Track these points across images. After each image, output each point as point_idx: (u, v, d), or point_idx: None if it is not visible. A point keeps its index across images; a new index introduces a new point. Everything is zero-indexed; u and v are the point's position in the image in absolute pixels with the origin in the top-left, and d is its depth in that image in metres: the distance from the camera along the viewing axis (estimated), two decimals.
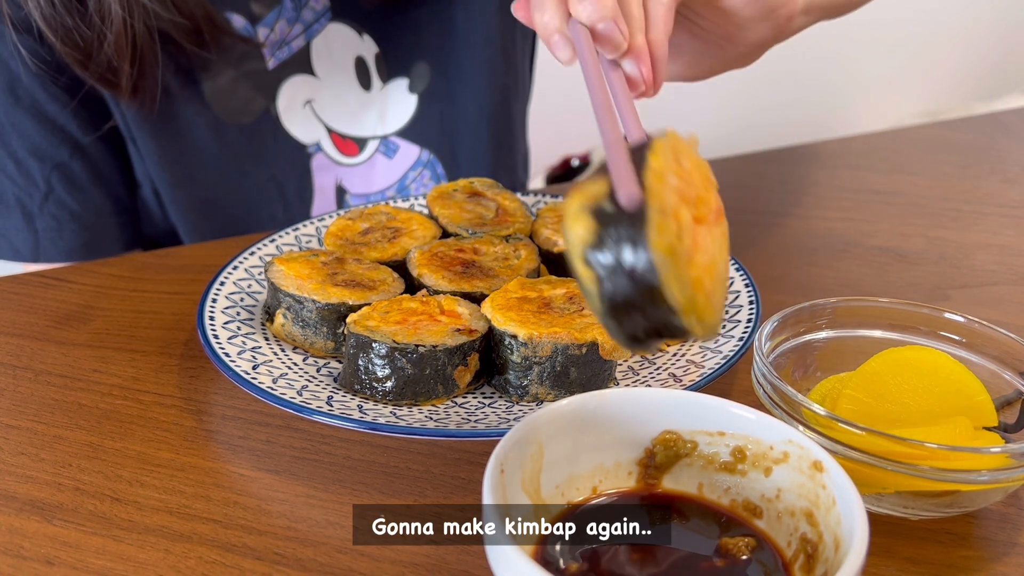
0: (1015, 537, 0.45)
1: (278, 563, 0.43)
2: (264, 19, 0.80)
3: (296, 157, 0.85)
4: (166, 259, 0.75)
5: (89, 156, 0.80)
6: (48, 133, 0.78)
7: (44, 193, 0.79)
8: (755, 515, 0.40)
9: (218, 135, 0.82)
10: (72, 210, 0.80)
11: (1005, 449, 0.41)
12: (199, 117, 0.81)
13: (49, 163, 0.78)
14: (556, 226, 0.66)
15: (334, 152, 0.86)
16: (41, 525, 0.45)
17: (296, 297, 0.56)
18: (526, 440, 0.38)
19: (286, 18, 0.81)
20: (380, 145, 0.88)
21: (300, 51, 0.83)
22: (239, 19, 0.79)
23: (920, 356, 0.49)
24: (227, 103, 0.81)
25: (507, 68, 0.89)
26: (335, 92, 0.85)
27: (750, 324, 0.56)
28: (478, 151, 0.91)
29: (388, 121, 0.88)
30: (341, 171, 0.88)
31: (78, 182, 0.80)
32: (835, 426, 0.42)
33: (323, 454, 0.50)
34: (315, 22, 0.82)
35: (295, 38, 0.82)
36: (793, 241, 0.79)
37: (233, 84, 0.81)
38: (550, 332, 0.51)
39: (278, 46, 0.81)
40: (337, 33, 0.84)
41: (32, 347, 0.61)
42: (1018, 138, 1.07)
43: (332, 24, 0.83)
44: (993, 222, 0.82)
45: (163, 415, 0.54)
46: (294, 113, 0.84)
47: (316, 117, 0.85)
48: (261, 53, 0.81)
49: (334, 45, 0.84)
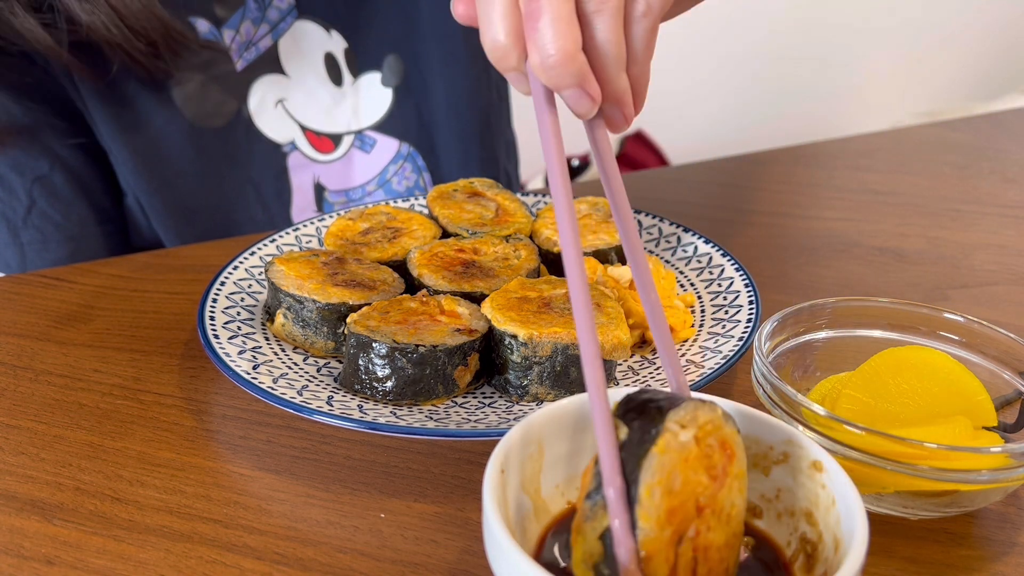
0: (1015, 537, 0.45)
1: (278, 563, 0.43)
2: (228, 21, 0.80)
3: (272, 157, 0.85)
4: (166, 259, 0.75)
5: (70, 168, 0.80)
6: (27, 146, 0.78)
7: (27, 206, 0.79)
8: (755, 515, 0.40)
9: (192, 140, 0.82)
10: (56, 222, 0.80)
11: (1005, 449, 0.41)
12: (171, 124, 0.81)
13: (30, 176, 0.78)
14: (556, 226, 0.66)
15: (309, 150, 0.86)
16: (41, 525, 0.45)
17: (296, 297, 0.56)
18: (526, 440, 0.38)
19: (251, 19, 0.81)
20: (355, 140, 0.88)
21: (268, 51, 0.83)
22: (204, 23, 0.79)
23: (920, 356, 0.49)
24: (198, 108, 0.81)
25: (477, 57, 0.89)
26: (306, 90, 0.85)
27: (750, 324, 0.56)
28: (458, 142, 0.91)
29: (362, 116, 0.88)
30: (318, 168, 0.88)
31: (60, 194, 0.80)
32: (835, 426, 0.42)
33: (323, 454, 0.51)
34: (281, 21, 0.82)
35: (262, 38, 0.82)
36: (793, 241, 0.79)
37: (202, 88, 0.81)
38: (550, 332, 0.51)
39: (245, 47, 0.81)
40: (304, 30, 0.84)
41: (32, 347, 0.61)
42: (1018, 138, 1.07)
43: (298, 22, 0.83)
44: (992, 222, 0.82)
45: (163, 415, 0.54)
46: (266, 113, 0.84)
47: (289, 116, 0.85)
48: (229, 56, 0.81)
49: (302, 43, 0.84)
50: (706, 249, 0.67)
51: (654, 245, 0.70)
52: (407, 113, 0.88)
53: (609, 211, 0.67)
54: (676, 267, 0.67)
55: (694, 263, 0.66)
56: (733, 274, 0.63)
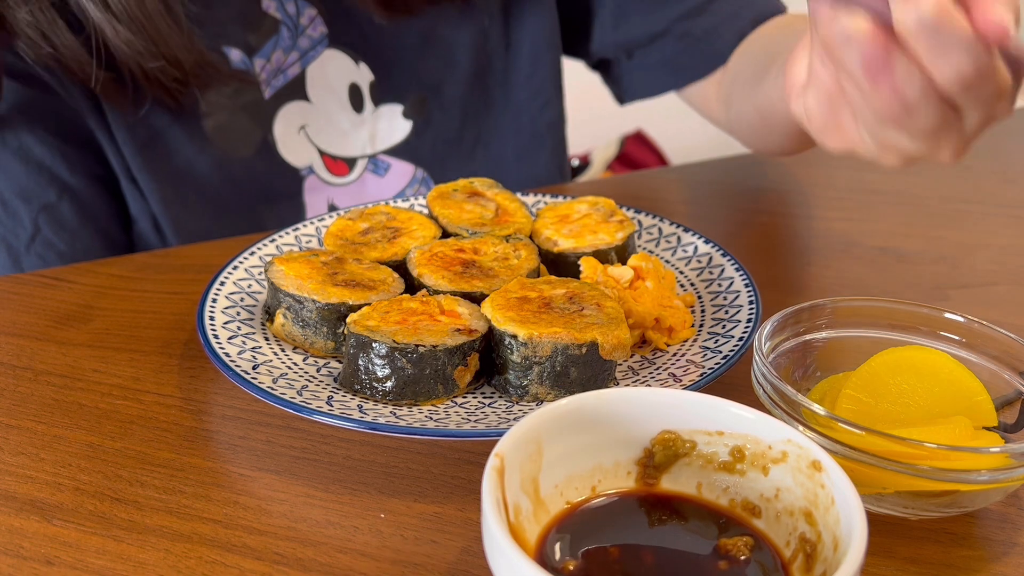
0: (1015, 537, 0.45)
1: (278, 563, 0.43)
2: (261, 50, 0.80)
3: (289, 181, 0.85)
4: (166, 259, 0.75)
5: (78, 197, 0.79)
6: (36, 175, 0.77)
7: (31, 234, 0.78)
8: (754, 515, 0.40)
9: (219, 169, 0.82)
10: (59, 250, 0.79)
11: (1005, 449, 0.41)
12: (200, 155, 0.80)
13: (36, 204, 0.78)
14: (556, 226, 0.66)
15: (325, 173, 0.86)
16: (41, 525, 0.45)
17: (296, 297, 0.56)
18: (525, 440, 0.38)
19: (282, 47, 0.81)
20: (369, 164, 0.87)
21: (296, 78, 0.82)
22: (236, 53, 0.79)
23: (920, 356, 0.49)
24: (227, 138, 0.81)
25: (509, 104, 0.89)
26: (327, 115, 0.85)
27: (750, 324, 0.56)
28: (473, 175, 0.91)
29: (378, 141, 0.87)
30: (332, 191, 0.87)
31: (66, 223, 0.79)
32: (835, 426, 0.42)
33: (323, 454, 0.51)
34: (311, 49, 0.82)
35: (291, 65, 0.82)
36: (793, 241, 0.79)
37: (231, 118, 0.80)
38: (550, 332, 0.51)
39: (274, 75, 0.81)
40: (333, 59, 0.83)
41: (32, 347, 0.61)
42: (1018, 138, 1.07)
43: (328, 50, 0.83)
44: (993, 222, 0.82)
45: (163, 415, 0.54)
46: (289, 139, 0.84)
47: (309, 141, 0.85)
48: (258, 84, 0.81)
49: (329, 71, 0.83)
50: (706, 249, 0.67)
51: (654, 245, 0.70)
52: (425, 143, 0.88)
53: (609, 211, 0.67)
54: (676, 267, 0.67)
55: (694, 263, 0.66)
56: (733, 274, 0.63)
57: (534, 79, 0.89)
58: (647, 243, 0.70)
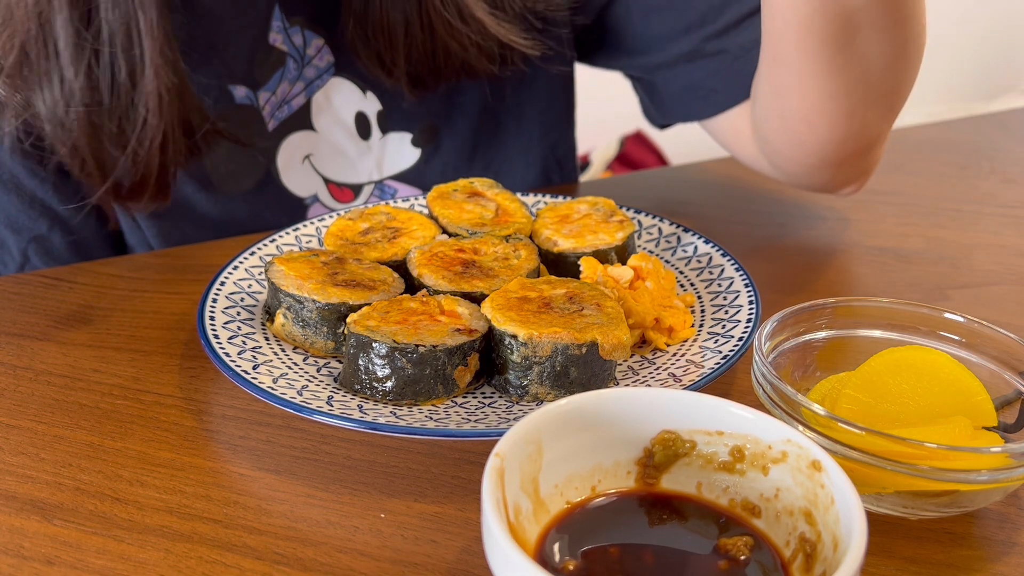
0: (1015, 537, 0.45)
1: (278, 563, 0.43)
2: (267, 84, 0.78)
3: (293, 210, 0.84)
4: (166, 259, 0.75)
5: (70, 228, 0.78)
6: (27, 208, 0.76)
7: (19, 264, 0.77)
8: (753, 514, 0.40)
9: (220, 205, 0.80)
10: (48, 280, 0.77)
11: (1005, 449, 0.41)
12: (199, 193, 0.79)
13: (26, 236, 0.77)
14: (556, 226, 0.66)
15: (330, 201, 0.85)
16: (41, 525, 0.45)
17: (296, 297, 0.56)
18: (525, 440, 0.38)
19: (288, 79, 0.79)
20: (375, 189, 0.86)
21: (300, 108, 0.81)
22: (242, 90, 0.78)
23: (920, 356, 0.49)
24: (228, 173, 0.80)
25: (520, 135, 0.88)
26: (333, 144, 0.83)
27: (750, 324, 0.56)
28: None
29: (385, 167, 0.86)
30: None
31: (56, 253, 0.78)
32: (835, 426, 0.42)
33: (323, 454, 0.51)
34: (317, 78, 0.80)
35: (296, 96, 0.80)
36: (793, 241, 0.79)
37: (231, 153, 0.79)
38: (550, 332, 0.51)
39: (278, 106, 0.80)
40: (339, 87, 0.81)
41: (32, 347, 0.61)
42: (1018, 138, 1.07)
43: (335, 79, 0.81)
44: (992, 222, 0.82)
45: (163, 415, 0.54)
46: (292, 170, 0.82)
47: (314, 170, 0.83)
48: (262, 117, 0.79)
49: (335, 99, 0.82)
50: (706, 249, 0.67)
51: (654, 245, 0.70)
52: (433, 169, 0.86)
53: (609, 211, 0.67)
54: (676, 267, 0.67)
55: (694, 263, 0.66)
56: (733, 274, 0.63)
57: (548, 114, 0.88)
58: (647, 243, 0.70)
